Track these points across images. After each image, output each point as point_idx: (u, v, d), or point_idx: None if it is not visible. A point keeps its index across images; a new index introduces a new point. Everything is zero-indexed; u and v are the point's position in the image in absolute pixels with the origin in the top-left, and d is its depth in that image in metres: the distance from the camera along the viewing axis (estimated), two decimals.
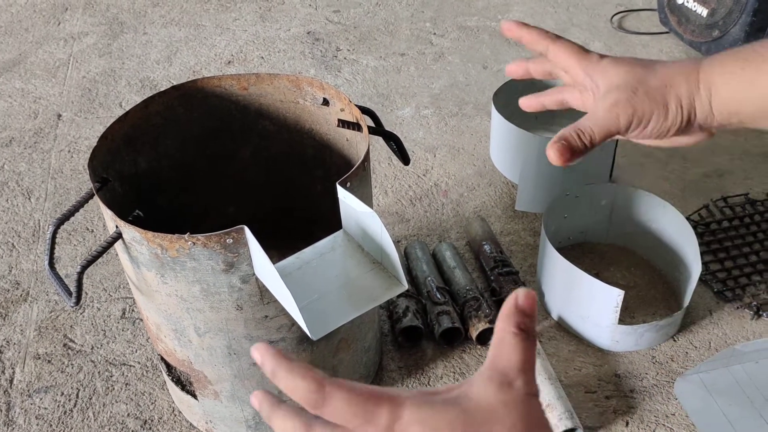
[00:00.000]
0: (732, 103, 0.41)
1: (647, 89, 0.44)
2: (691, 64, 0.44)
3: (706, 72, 0.43)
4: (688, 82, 0.43)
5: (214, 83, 0.87)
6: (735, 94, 0.41)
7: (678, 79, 0.44)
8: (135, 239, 0.67)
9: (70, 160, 1.36)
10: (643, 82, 0.44)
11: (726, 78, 0.41)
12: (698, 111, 0.43)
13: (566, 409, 0.85)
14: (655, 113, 0.44)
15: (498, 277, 1.03)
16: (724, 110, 0.42)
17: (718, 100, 0.42)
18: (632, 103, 0.45)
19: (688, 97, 0.43)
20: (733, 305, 1.02)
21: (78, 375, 0.96)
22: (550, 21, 1.77)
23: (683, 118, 0.44)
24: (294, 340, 0.77)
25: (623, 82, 0.45)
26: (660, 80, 0.44)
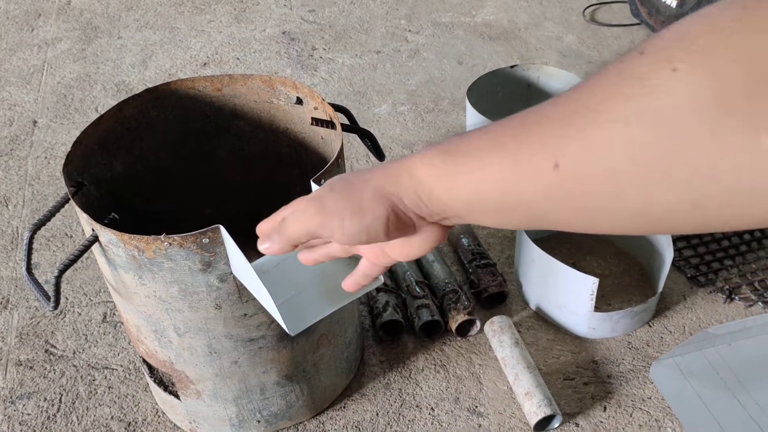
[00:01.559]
0: (442, 197, 0.37)
1: (343, 188, 0.42)
2: (398, 160, 0.41)
3: (409, 161, 0.39)
4: (386, 173, 0.40)
5: (187, 85, 0.87)
6: (440, 188, 0.37)
7: (378, 173, 0.41)
8: (111, 242, 0.67)
9: (47, 166, 1.36)
10: (342, 182, 0.42)
11: (427, 169, 0.38)
12: (406, 201, 0.39)
13: (545, 397, 0.87)
14: (348, 210, 0.40)
15: (476, 270, 1.05)
16: (436, 202, 0.38)
17: (426, 192, 0.38)
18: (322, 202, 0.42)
19: (388, 187, 0.39)
20: (706, 290, 1.04)
21: (60, 380, 0.96)
22: (524, 15, 1.79)
23: (387, 210, 0.39)
24: (274, 337, 0.78)
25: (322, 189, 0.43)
26: (360, 177, 0.41)
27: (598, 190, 0.30)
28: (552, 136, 0.31)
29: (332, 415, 0.91)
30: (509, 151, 0.33)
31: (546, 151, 0.31)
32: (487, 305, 1.03)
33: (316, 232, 0.43)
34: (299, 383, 0.84)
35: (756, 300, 1.02)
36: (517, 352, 0.92)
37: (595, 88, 0.30)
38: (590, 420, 0.89)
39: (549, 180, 0.31)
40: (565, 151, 0.31)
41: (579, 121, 0.30)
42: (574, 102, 0.31)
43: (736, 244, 1.12)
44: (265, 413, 0.85)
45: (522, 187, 0.33)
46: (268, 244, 0.48)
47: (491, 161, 0.34)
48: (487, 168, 0.34)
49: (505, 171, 0.33)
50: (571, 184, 0.31)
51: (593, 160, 0.30)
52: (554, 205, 0.33)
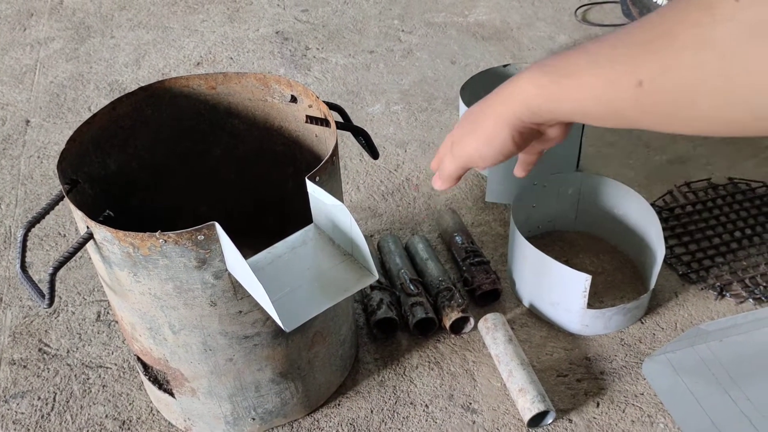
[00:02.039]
0: (551, 108, 0.45)
1: (471, 125, 0.51)
2: (508, 81, 0.49)
3: (517, 84, 0.46)
4: (500, 98, 0.48)
5: (181, 83, 0.88)
6: (547, 103, 0.45)
7: (494, 100, 0.49)
8: (106, 239, 0.67)
9: (40, 165, 1.36)
10: (469, 119, 0.51)
11: (535, 89, 0.45)
12: (523, 117, 0.47)
13: (539, 393, 0.87)
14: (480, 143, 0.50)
15: (470, 267, 1.05)
16: (547, 113, 0.46)
17: (536, 107, 0.46)
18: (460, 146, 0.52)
19: (505, 111, 0.47)
20: (698, 286, 1.05)
21: (54, 379, 0.96)
22: (516, 15, 1.80)
23: (511, 130, 0.48)
24: (269, 334, 0.78)
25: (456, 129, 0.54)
26: (480, 109, 0.50)
27: (675, 103, 0.36)
28: (636, 57, 0.38)
29: (327, 412, 0.91)
30: (602, 71, 0.40)
31: (631, 72, 0.38)
32: (481, 303, 1.04)
33: (467, 166, 0.54)
34: (294, 380, 0.85)
35: (747, 297, 1.03)
36: (511, 349, 0.93)
37: (671, 14, 0.35)
38: (583, 416, 0.89)
39: (635, 95, 0.38)
40: (647, 72, 0.37)
41: (657, 45, 0.36)
42: (654, 28, 0.37)
43: (727, 241, 1.12)
44: (260, 411, 0.85)
45: (613, 101, 0.40)
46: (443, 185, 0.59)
47: (587, 81, 0.41)
48: (584, 86, 0.41)
49: (599, 88, 0.40)
50: (653, 98, 0.37)
51: (670, 79, 0.36)
52: (641, 114, 0.39)
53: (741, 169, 1.27)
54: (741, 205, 1.19)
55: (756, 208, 1.18)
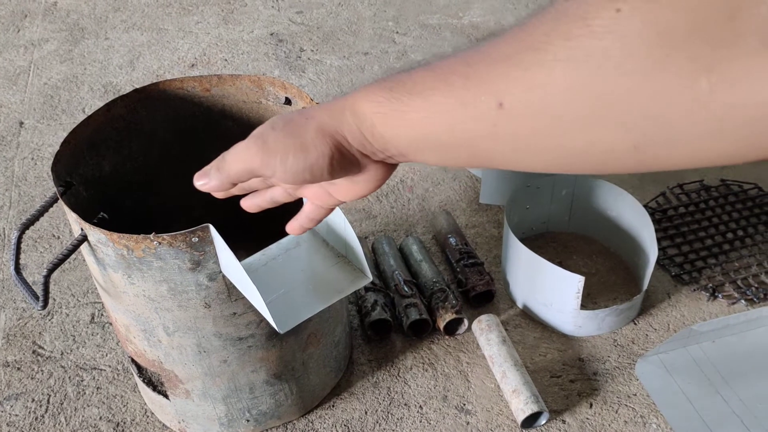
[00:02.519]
0: (386, 135, 0.37)
1: (285, 126, 0.41)
2: (342, 96, 0.40)
3: (352, 98, 0.38)
4: (330, 110, 0.39)
5: (176, 85, 0.88)
6: (384, 126, 0.37)
7: (322, 110, 0.40)
8: (100, 241, 0.67)
9: (34, 167, 1.35)
10: (284, 121, 0.41)
11: (371, 106, 0.37)
12: (350, 138, 0.38)
13: (532, 394, 0.88)
14: (291, 148, 0.40)
15: (464, 269, 1.06)
16: (380, 140, 0.38)
17: (369, 130, 0.38)
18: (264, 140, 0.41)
19: (332, 124, 0.39)
20: (690, 288, 1.06)
21: (48, 381, 0.96)
22: (511, 17, 1.81)
23: (331, 148, 0.39)
24: (263, 336, 0.78)
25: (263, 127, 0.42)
26: (303, 115, 0.41)
27: (541, 129, 0.31)
28: (496, 75, 0.31)
29: (321, 413, 0.91)
30: (455, 90, 0.33)
31: (491, 91, 0.32)
32: (475, 304, 1.04)
33: (258, 171, 0.42)
34: (288, 382, 0.85)
35: (739, 298, 1.04)
36: (505, 350, 0.93)
37: (540, 27, 0.30)
38: (577, 417, 0.90)
39: (494, 119, 0.32)
40: (509, 91, 0.31)
41: (523, 60, 0.30)
42: (518, 41, 0.31)
43: (720, 242, 1.13)
44: (254, 412, 0.85)
45: (467, 126, 0.33)
46: (205, 180, 0.47)
47: (436, 100, 0.34)
48: (433, 107, 0.34)
49: (451, 111, 0.33)
50: (515, 123, 0.31)
51: (536, 100, 0.30)
52: (499, 144, 0.33)
53: (733, 170, 1.28)
54: (733, 207, 1.19)
55: (748, 210, 1.19)
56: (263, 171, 0.42)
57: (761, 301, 1.03)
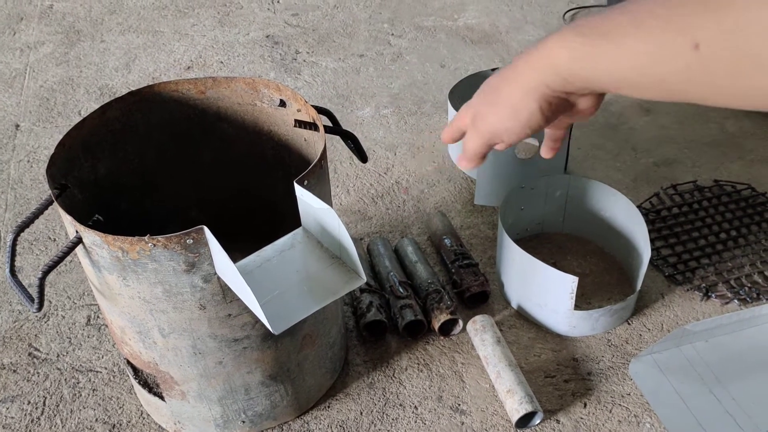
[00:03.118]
0: (583, 75, 0.39)
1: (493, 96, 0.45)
2: (533, 47, 0.43)
3: (547, 47, 0.41)
4: (526, 65, 0.42)
5: (171, 88, 0.88)
6: (580, 68, 0.39)
7: (519, 68, 0.43)
8: (95, 243, 0.68)
9: (30, 170, 1.36)
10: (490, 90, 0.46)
11: (567, 52, 0.39)
12: (552, 85, 0.41)
13: (526, 394, 0.88)
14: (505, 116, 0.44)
15: (459, 270, 1.06)
16: (580, 80, 0.40)
17: (567, 72, 0.40)
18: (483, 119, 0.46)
19: (532, 79, 0.42)
20: (684, 288, 1.06)
21: (44, 383, 0.96)
22: (505, 19, 1.81)
23: (539, 101, 0.42)
24: (258, 337, 0.78)
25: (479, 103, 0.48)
26: (504, 79, 0.45)
27: (736, 71, 0.31)
28: (692, 16, 0.32)
29: (317, 414, 0.92)
30: (650, 32, 0.34)
31: (686, 33, 0.32)
32: (470, 305, 1.05)
33: (489, 144, 0.48)
34: (284, 383, 0.85)
35: (732, 297, 1.04)
36: (499, 351, 0.94)
37: None
38: (571, 416, 0.90)
39: (688, 60, 0.32)
40: (705, 33, 0.31)
41: (714, 2, 0.31)
42: None
43: (713, 243, 1.14)
44: (249, 413, 0.86)
45: (661, 68, 0.34)
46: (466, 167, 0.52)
47: (631, 42, 0.35)
48: (627, 48, 0.35)
49: (645, 51, 0.34)
50: (711, 65, 0.32)
51: (732, 42, 0.30)
52: (692, 84, 0.34)
53: (726, 171, 1.29)
54: (726, 207, 1.20)
55: (741, 210, 1.20)
56: (495, 141, 0.48)
57: (754, 301, 1.04)
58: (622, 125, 1.42)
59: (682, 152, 1.34)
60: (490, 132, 0.47)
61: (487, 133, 0.47)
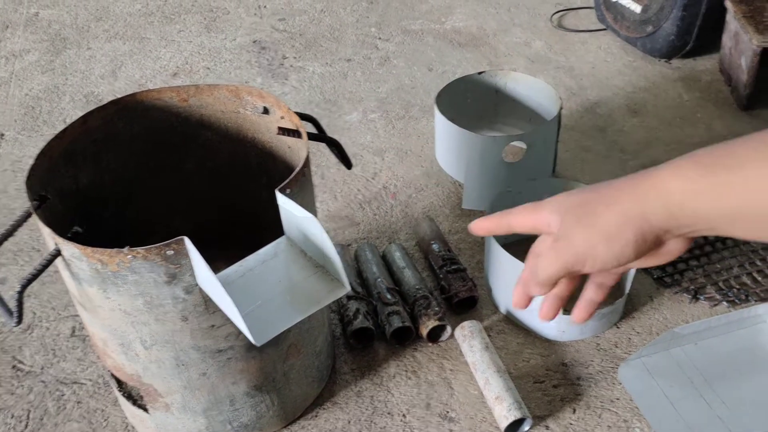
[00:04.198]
0: (699, 211, 0.37)
1: (585, 215, 0.40)
2: (641, 173, 0.39)
3: (657, 177, 0.38)
4: (632, 192, 0.39)
5: (153, 96, 0.87)
6: (698, 202, 0.37)
7: (622, 193, 0.39)
8: (74, 255, 0.67)
9: (15, 179, 1.34)
10: (582, 206, 0.41)
11: (682, 183, 0.37)
12: (653, 219, 0.38)
13: (515, 400, 0.87)
14: (597, 241, 0.40)
15: (447, 275, 1.05)
16: (690, 216, 0.37)
17: (678, 206, 0.37)
18: (569, 239, 0.41)
19: (635, 208, 0.38)
20: (672, 290, 1.06)
21: (28, 396, 0.95)
22: (492, 22, 1.81)
23: (636, 235, 0.39)
24: (242, 347, 0.77)
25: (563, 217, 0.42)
26: (602, 199, 0.40)
27: None
28: None
29: (304, 424, 0.91)
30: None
31: None
32: (458, 310, 1.04)
33: (571, 269, 0.43)
34: (269, 393, 0.84)
35: (721, 299, 1.04)
36: (488, 357, 0.93)
37: None
38: (560, 422, 0.90)
39: None
40: None
41: None
42: None
43: (701, 244, 1.14)
44: (235, 424, 0.85)
45: None
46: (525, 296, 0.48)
47: (757, 173, 0.33)
48: (755, 180, 0.33)
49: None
50: None
51: None
52: None
53: None
54: None
55: None
56: (576, 268, 0.42)
57: (743, 303, 1.04)
58: (610, 127, 1.42)
59: (670, 153, 1.33)
60: (575, 257, 0.41)
61: (571, 258, 0.42)
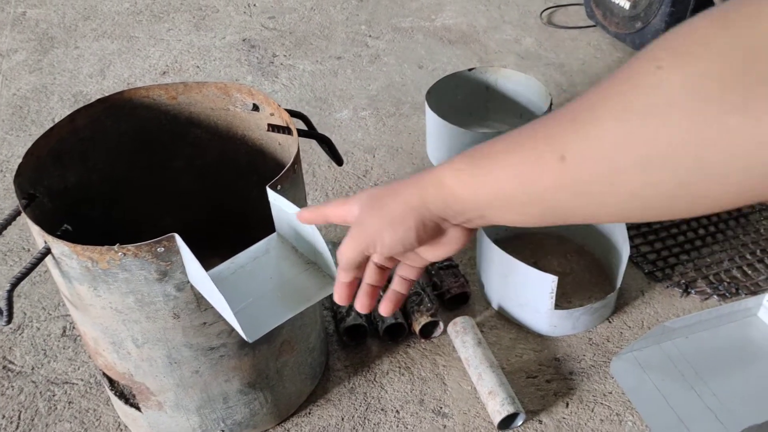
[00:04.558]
0: (465, 197, 0.41)
1: (374, 205, 0.46)
2: (426, 170, 0.45)
3: (436, 170, 0.43)
4: (414, 185, 0.44)
5: (141, 94, 0.87)
6: (463, 189, 0.41)
7: (406, 186, 0.45)
8: (64, 254, 0.66)
9: (3, 179, 1.33)
10: (374, 199, 0.46)
11: (452, 173, 0.42)
12: (432, 207, 0.43)
13: (508, 395, 0.88)
14: (384, 226, 0.45)
15: (439, 272, 1.06)
16: (460, 203, 0.42)
17: (451, 195, 0.42)
18: (361, 223, 0.47)
19: (415, 198, 0.44)
20: (663, 284, 1.07)
21: (19, 397, 0.94)
22: (483, 19, 1.81)
23: (416, 221, 0.44)
24: (235, 345, 0.77)
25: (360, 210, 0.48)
26: (390, 192, 0.45)
27: (599, 176, 0.34)
28: (558, 132, 0.36)
29: (297, 421, 0.91)
30: (523, 149, 0.38)
31: (553, 146, 0.36)
32: (450, 306, 1.04)
33: (365, 251, 0.48)
34: (263, 390, 0.84)
35: (711, 293, 1.05)
36: (480, 352, 0.93)
37: (595, 90, 0.34)
38: (553, 416, 0.90)
39: (558, 171, 0.35)
40: (569, 145, 0.35)
41: (580, 118, 0.34)
42: (577, 104, 0.35)
43: (692, 239, 1.14)
44: (228, 422, 0.85)
45: (535, 181, 0.37)
46: (343, 281, 0.53)
47: (508, 160, 0.38)
48: (505, 167, 0.39)
49: (520, 168, 0.38)
50: (577, 173, 0.35)
51: (593, 151, 0.34)
52: (565, 194, 0.37)
53: None
54: None
55: None
56: (369, 251, 0.47)
57: (733, 296, 1.04)
58: None
59: None
60: (366, 240, 0.46)
61: (363, 241, 0.47)
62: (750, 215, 1.18)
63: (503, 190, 0.39)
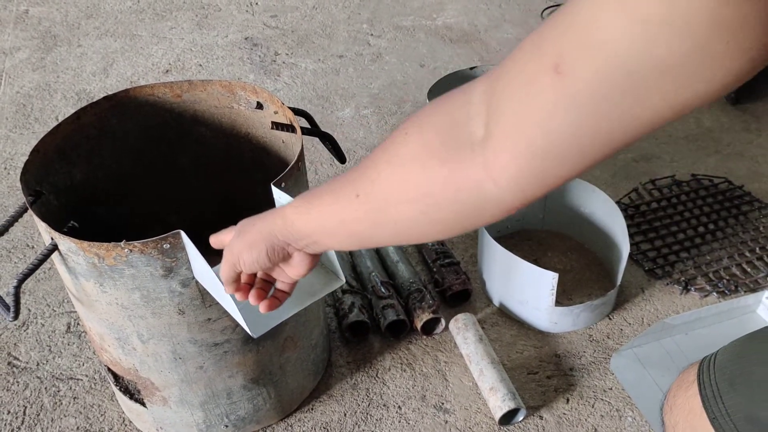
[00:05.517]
0: (300, 227, 0.53)
1: (241, 233, 0.57)
2: (277, 207, 0.56)
3: (284, 208, 0.54)
4: (269, 218, 0.55)
5: (146, 92, 0.87)
6: (299, 221, 0.52)
7: (264, 219, 0.56)
8: (71, 250, 0.67)
9: (7, 177, 1.34)
10: (243, 229, 0.57)
11: (293, 210, 0.53)
12: (279, 235, 0.54)
13: (509, 391, 0.88)
14: (243, 249, 0.56)
15: (440, 269, 1.06)
16: (297, 232, 0.53)
17: (290, 225, 0.53)
18: (231, 247, 0.57)
19: (267, 227, 0.55)
20: (663, 281, 1.07)
21: (24, 392, 0.95)
22: (484, 18, 1.82)
23: (266, 245, 0.55)
24: (239, 341, 0.78)
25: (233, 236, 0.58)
26: (252, 223, 0.56)
27: (383, 208, 0.46)
28: (356, 178, 0.48)
29: (300, 417, 0.91)
30: (336, 192, 0.50)
31: (353, 187, 0.48)
32: (452, 303, 1.05)
33: (235, 269, 0.58)
34: (266, 386, 0.85)
35: (711, 290, 1.05)
36: (482, 349, 0.94)
37: (379, 147, 0.46)
38: (554, 412, 0.91)
39: (355, 206, 0.47)
40: (361, 186, 0.47)
41: (368, 167, 0.46)
42: (367, 161, 0.47)
43: (691, 236, 1.15)
44: (232, 417, 0.85)
45: (343, 214, 0.49)
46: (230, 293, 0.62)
47: (326, 200, 0.51)
48: (324, 205, 0.51)
49: (333, 205, 0.50)
50: (368, 206, 0.47)
51: (376, 188, 0.46)
52: (362, 223, 0.48)
53: (703, 165, 1.30)
54: (704, 201, 1.21)
55: (718, 203, 1.21)
56: (237, 268, 0.58)
57: (732, 293, 1.05)
58: None
59: (660, 147, 1.35)
60: (232, 259, 0.57)
61: (230, 260, 0.57)
62: (749, 213, 1.19)
63: (324, 222, 0.51)
